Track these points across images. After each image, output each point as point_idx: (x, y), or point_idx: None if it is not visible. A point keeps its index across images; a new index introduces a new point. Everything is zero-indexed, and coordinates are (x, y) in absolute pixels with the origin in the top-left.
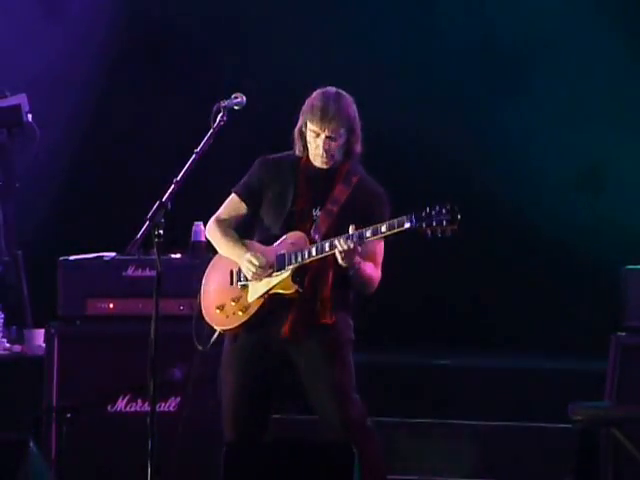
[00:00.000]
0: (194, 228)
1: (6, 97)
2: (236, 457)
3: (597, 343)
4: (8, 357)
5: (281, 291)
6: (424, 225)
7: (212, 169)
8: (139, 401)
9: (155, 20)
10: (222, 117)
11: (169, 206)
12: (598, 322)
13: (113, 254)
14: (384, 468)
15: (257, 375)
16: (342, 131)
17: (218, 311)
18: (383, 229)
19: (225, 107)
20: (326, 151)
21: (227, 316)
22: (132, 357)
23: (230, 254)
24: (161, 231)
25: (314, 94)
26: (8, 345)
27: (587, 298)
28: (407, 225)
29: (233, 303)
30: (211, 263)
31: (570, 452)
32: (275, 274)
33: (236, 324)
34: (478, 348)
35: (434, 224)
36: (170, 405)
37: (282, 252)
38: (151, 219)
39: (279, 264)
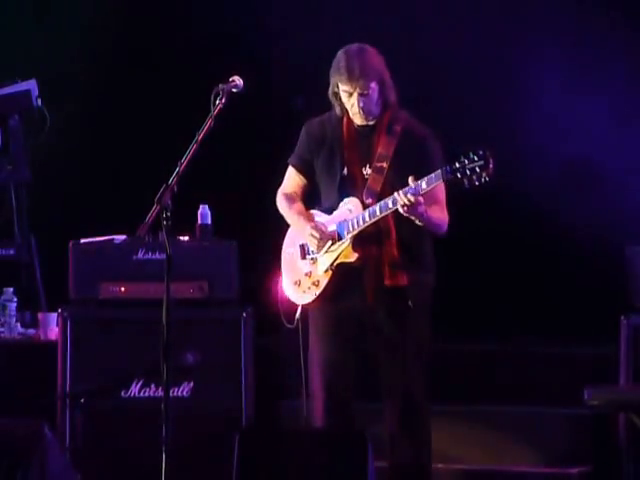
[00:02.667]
0: (200, 210)
1: (16, 82)
2: (250, 444)
3: (608, 325)
4: (23, 341)
5: (345, 260)
6: (459, 175)
7: (217, 152)
8: (152, 386)
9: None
10: (221, 100)
11: (176, 189)
12: (606, 304)
13: (123, 237)
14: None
15: (340, 345)
16: (373, 85)
17: (296, 287)
18: (423, 185)
19: (223, 90)
20: (362, 108)
21: (304, 291)
22: (145, 341)
23: (296, 227)
24: (169, 214)
25: (338, 54)
26: (22, 329)
27: (596, 280)
28: (443, 178)
29: (307, 277)
30: (287, 235)
31: (587, 437)
32: (337, 244)
33: (312, 298)
34: (486, 332)
35: (468, 173)
36: (183, 390)
37: (341, 221)
38: (158, 202)
39: (339, 234)
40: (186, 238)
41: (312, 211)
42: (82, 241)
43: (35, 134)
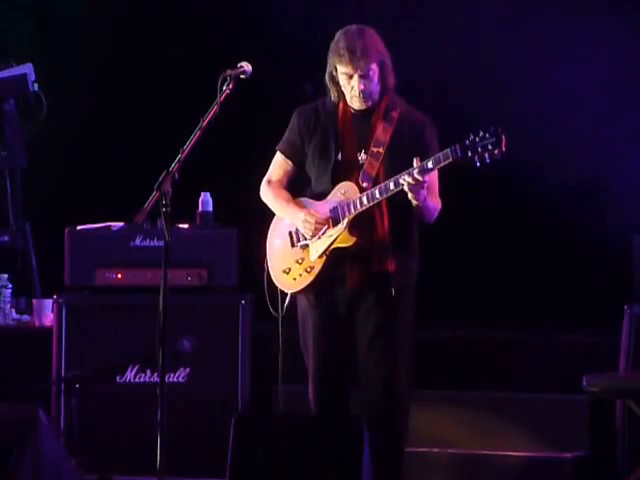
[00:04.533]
0: (201, 198)
1: (12, 67)
2: (245, 428)
3: (611, 314)
4: (17, 327)
5: (341, 245)
6: (469, 154)
7: (221, 138)
8: (148, 372)
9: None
10: (228, 86)
11: (176, 176)
12: (610, 292)
13: (121, 224)
14: (402, 446)
15: (333, 331)
16: (374, 66)
17: (285, 275)
18: (429, 165)
19: (231, 76)
20: (362, 91)
21: (294, 278)
22: (141, 327)
23: (285, 215)
24: (168, 200)
25: (337, 35)
26: (17, 316)
27: (599, 269)
28: (452, 157)
29: (298, 265)
30: (271, 227)
31: (584, 424)
32: (332, 229)
33: (304, 285)
34: (491, 320)
35: (480, 150)
36: (179, 376)
37: (335, 205)
38: (158, 188)
39: (334, 218)
40: (185, 226)
41: (300, 199)
42: (78, 227)
43: (31, 119)
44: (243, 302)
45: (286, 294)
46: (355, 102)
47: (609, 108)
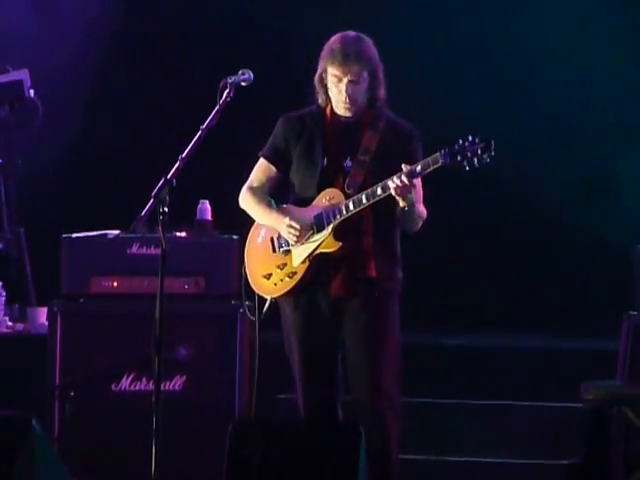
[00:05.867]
0: (200, 206)
1: (8, 72)
2: (241, 435)
3: (609, 323)
4: (11, 336)
5: (326, 250)
6: (459, 158)
7: (220, 146)
8: (144, 380)
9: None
10: (229, 93)
11: (174, 183)
12: (610, 302)
13: (117, 232)
14: (395, 451)
15: (317, 337)
16: (364, 74)
17: (265, 280)
18: (418, 169)
19: (232, 83)
20: (349, 96)
21: (275, 284)
22: (136, 336)
23: (267, 221)
24: (166, 208)
25: (333, 38)
26: (11, 324)
27: (599, 278)
28: (441, 161)
29: (279, 270)
30: (250, 233)
31: (581, 431)
32: (316, 235)
33: (285, 290)
34: (489, 328)
35: (469, 155)
36: (175, 384)
37: (320, 211)
38: (156, 196)
39: (318, 224)
40: (183, 234)
41: (284, 205)
42: (74, 235)
43: (27, 125)
44: (241, 310)
45: (264, 299)
46: (340, 107)
47: (612, 116)
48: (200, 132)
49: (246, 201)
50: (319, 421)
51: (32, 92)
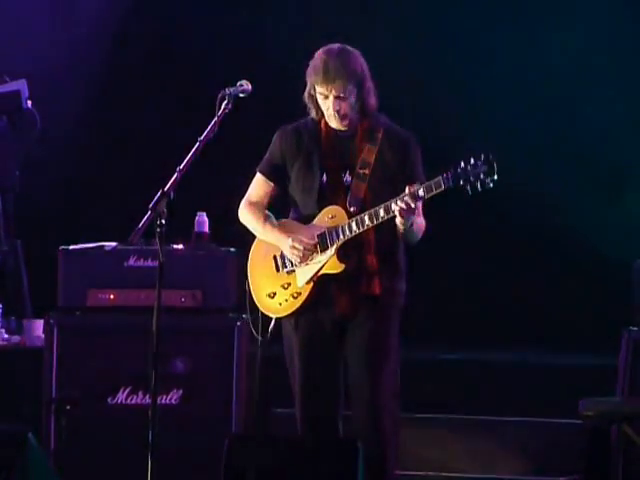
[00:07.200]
0: (197, 218)
1: (6, 82)
2: (238, 449)
3: (609, 338)
4: (7, 348)
5: (330, 271)
6: (462, 182)
7: (217, 158)
8: (140, 393)
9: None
10: (227, 105)
11: (172, 195)
12: (609, 317)
13: (114, 244)
14: (394, 466)
15: (319, 354)
16: (350, 88)
17: (269, 299)
18: (421, 192)
19: (230, 95)
20: (337, 112)
21: (280, 303)
22: (133, 349)
23: (269, 239)
24: (163, 221)
25: (316, 54)
26: (7, 336)
27: (598, 293)
28: (444, 186)
29: (283, 290)
30: (252, 248)
31: (581, 448)
32: (320, 255)
33: (290, 311)
34: (488, 343)
35: (472, 179)
36: (172, 398)
37: (323, 230)
38: (153, 209)
39: (322, 244)
40: (180, 246)
41: (284, 220)
42: (71, 248)
43: (25, 136)
44: (239, 324)
45: (269, 317)
46: (332, 122)
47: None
48: (198, 144)
49: (245, 217)
50: (317, 436)
51: (30, 103)
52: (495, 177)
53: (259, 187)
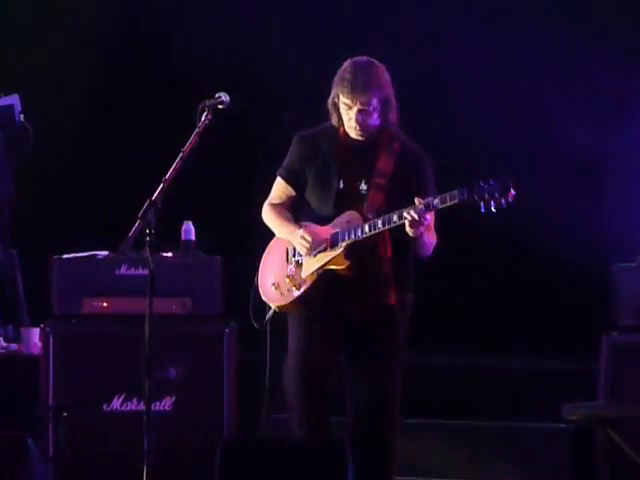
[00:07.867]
0: (184, 227)
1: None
2: (232, 456)
3: (589, 343)
4: (5, 356)
5: (333, 267)
6: (476, 198)
7: (202, 168)
8: (134, 400)
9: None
10: (207, 116)
11: (159, 205)
12: (591, 321)
13: (106, 253)
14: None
15: (319, 349)
16: (374, 102)
17: (273, 288)
18: (435, 202)
19: (209, 106)
20: (359, 124)
21: (281, 293)
22: (127, 356)
23: (284, 233)
24: (152, 230)
25: (345, 64)
26: (5, 344)
27: (579, 297)
28: (458, 199)
29: (287, 280)
30: (268, 246)
31: (565, 452)
32: (329, 250)
33: (290, 300)
34: (469, 348)
35: (486, 196)
36: (165, 404)
37: (337, 230)
38: (142, 218)
39: (333, 241)
40: (169, 254)
41: (304, 222)
42: (64, 256)
43: (18, 150)
44: (227, 330)
45: (269, 308)
46: (352, 132)
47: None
48: (181, 154)
49: (267, 215)
50: (311, 438)
51: (22, 117)
52: (510, 199)
53: (279, 191)
